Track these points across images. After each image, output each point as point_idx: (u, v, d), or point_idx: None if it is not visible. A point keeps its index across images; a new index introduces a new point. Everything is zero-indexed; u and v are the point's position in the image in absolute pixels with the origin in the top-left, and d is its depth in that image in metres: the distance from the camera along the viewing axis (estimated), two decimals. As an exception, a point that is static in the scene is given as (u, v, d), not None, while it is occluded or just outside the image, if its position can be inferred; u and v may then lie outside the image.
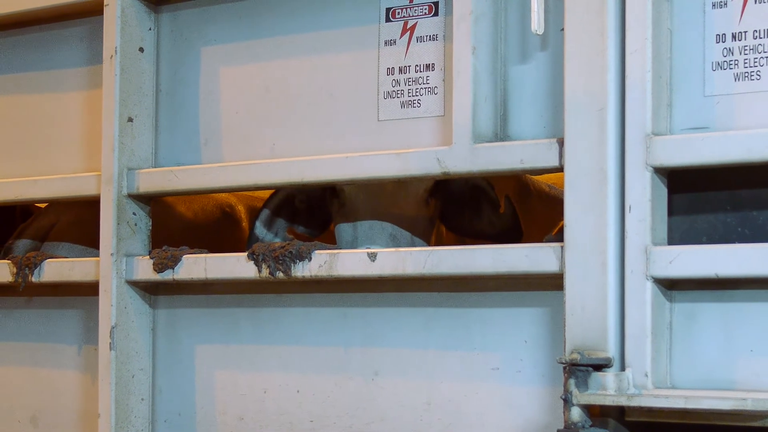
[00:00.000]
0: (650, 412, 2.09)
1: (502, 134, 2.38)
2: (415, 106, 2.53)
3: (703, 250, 2.07)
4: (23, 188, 3.06)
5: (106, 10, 2.85)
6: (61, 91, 3.10)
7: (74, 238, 3.36)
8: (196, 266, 2.73)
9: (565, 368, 2.10)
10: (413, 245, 2.73)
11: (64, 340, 3.09)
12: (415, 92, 2.53)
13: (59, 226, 3.41)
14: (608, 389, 2.09)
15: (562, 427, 2.10)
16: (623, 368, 2.11)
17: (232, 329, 2.79)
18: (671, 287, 2.14)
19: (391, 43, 2.56)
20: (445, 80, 2.49)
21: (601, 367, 2.11)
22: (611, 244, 2.14)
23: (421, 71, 2.52)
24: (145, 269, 2.80)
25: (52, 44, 3.12)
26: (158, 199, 3.02)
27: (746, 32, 2.11)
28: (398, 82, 2.55)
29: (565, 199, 2.19)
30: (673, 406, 2.02)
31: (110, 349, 2.81)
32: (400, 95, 2.55)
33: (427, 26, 2.52)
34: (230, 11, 2.81)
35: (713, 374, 2.10)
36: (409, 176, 2.45)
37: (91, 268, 2.90)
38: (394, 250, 2.47)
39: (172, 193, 2.84)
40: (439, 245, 2.74)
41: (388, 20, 2.57)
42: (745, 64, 2.10)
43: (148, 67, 2.89)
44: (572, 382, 2.09)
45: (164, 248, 2.80)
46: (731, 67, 2.12)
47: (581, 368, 2.10)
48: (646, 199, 2.11)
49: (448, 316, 2.48)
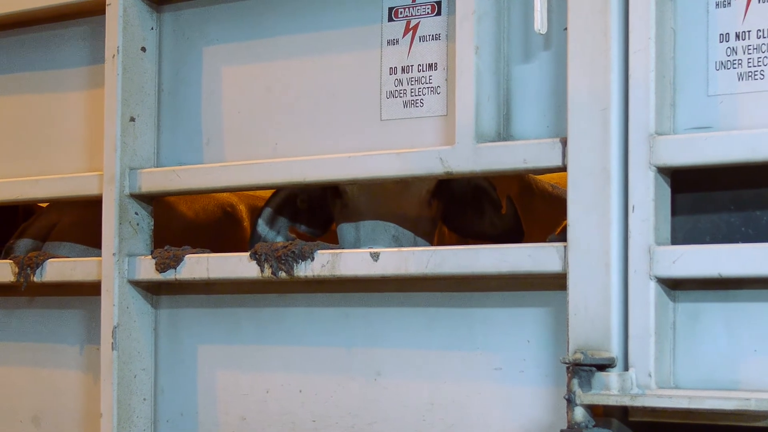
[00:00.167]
0: (653, 412, 2.09)
1: (505, 134, 2.38)
2: (417, 105, 2.52)
3: (706, 249, 2.07)
4: (25, 188, 3.06)
5: (108, 9, 2.85)
6: (62, 90, 3.09)
7: (75, 237, 3.36)
8: (198, 266, 2.72)
9: (568, 368, 2.10)
10: (416, 246, 2.72)
11: (65, 340, 3.09)
12: (417, 92, 2.52)
13: (60, 225, 3.41)
14: (611, 389, 2.08)
15: (565, 427, 2.10)
16: (626, 368, 2.11)
17: (234, 329, 2.78)
18: (674, 287, 2.14)
19: (393, 42, 2.56)
20: (447, 80, 2.49)
21: (604, 367, 2.11)
22: (614, 243, 2.13)
23: (423, 71, 2.52)
24: (147, 269, 2.80)
25: (53, 44, 3.11)
26: (160, 198, 3.02)
27: (750, 32, 2.11)
28: (401, 81, 2.54)
29: (568, 198, 2.18)
30: (676, 406, 2.02)
31: (112, 349, 2.81)
32: (402, 95, 2.54)
33: (429, 26, 2.52)
34: (232, 11, 2.80)
35: (717, 374, 2.10)
36: (411, 176, 2.45)
37: (93, 267, 2.89)
38: (396, 249, 2.47)
39: (174, 192, 2.84)
40: (441, 246, 2.73)
41: (390, 20, 2.56)
42: (748, 63, 2.10)
43: (150, 66, 2.88)
44: (575, 382, 2.08)
45: (166, 248, 2.80)
46: (735, 66, 2.11)
47: (584, 368, 2.09)
48: (649, 198, 2.11)
49: (450, 316, 2.47)
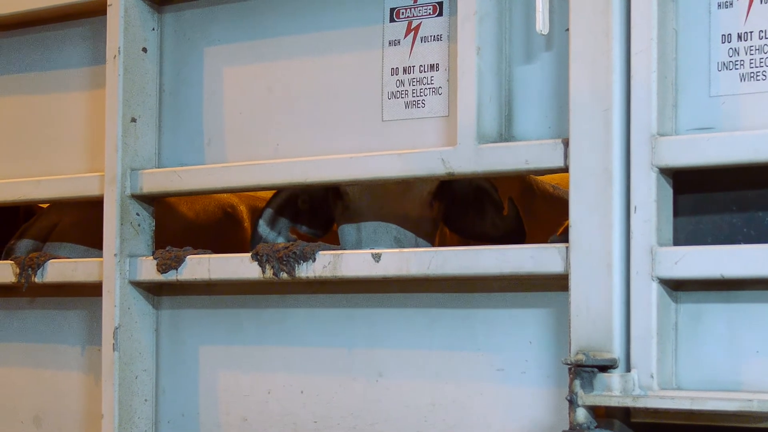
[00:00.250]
0: (656, 413, 2.09)
1: (506, 135, 2.38)
2: (419, 106, 2.52)
3: (708, 250, 2.07)
4: (27, 189, 3.06)
5: (109, 10, 2.85)
6: (64, 91, 3.09)
7: (76, 238, 3.36)
8: (199, 267, 2.72)
9: (570, 369, 2.10)
10: (417, 247, 2.72)
11: (67, 340, 3.09)
12: (419, 92, 2.52)
13: (61, 226, 3.41)
14: (613, 390, 2.08)
15: (567, 428, 2.10)
16: (629, 369, 2.11)
17: (235, 330, 2.78)
18: (677, 288, 2.13)
19: (395, 43, 2.56)
20: (449, 80, 2.48)
21: (606, 368, 2.10)
22: (617, 244, 2.13)
23: (425, 71, 2.52)
24: (148, 270, 2.80)
25: (55, 44, 3.11)
26: (161, 199, 3.02)
27: (752, 32, 2.11)
28: (402, 82, 2.54)
29: (570, 199, 2.18)
30: (678, 407, 2.02)
31: (113, 349, 2.81)
32: (404, 95, 2.54)
33: (431, 26, 2.51)
34: (234, 11, 2.80)
35: (719, 375, 2.10)
36: (413, 177, 2.45)
37: (94, 268, 2.89)
38: (398, 250, 2.47)
39: (175, 193, 2.84)
40: (442, 246, 2.73)
41: (392, 20, 2.56)
42: (750, 64, 2.10)
43: (151, 67, 2.88)
44: (577, 383, 2.08)
45: (168, 249, 2.79)
46: (737, 67, 2.11)
47: (586, 369, 2.09)
48: (651, 199, 2.11)
49: (452, 316, 2.47)
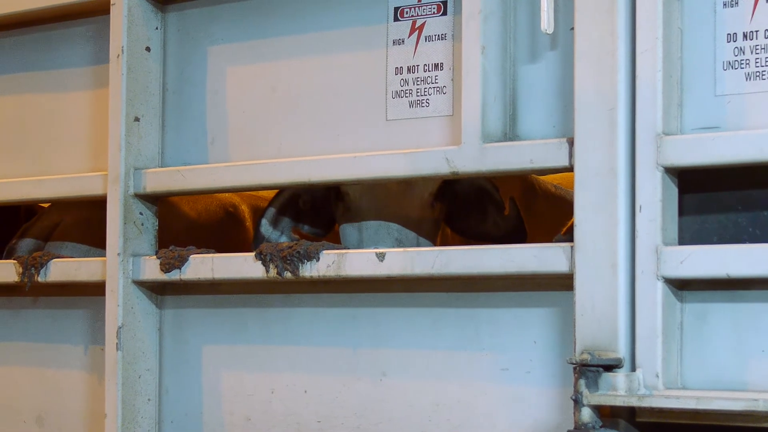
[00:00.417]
0: (661, 412, 2.09)
1: (511, 134, 2.37)
2: (423, 105, 2.52)
3: (713, 250, 2.07)
4: (30, 188, 3.06)
5: (112, 9, 2.85)
6: (67, 90, 3.09)
7: (78, 237, 3.36)
8: (203, 266, 2.72)
9: (575, 369, 2.09)
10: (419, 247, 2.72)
11: (70, 340, 3.09)
12: (423, 92, 2.52)
13: (63, 225, 3.41)
14: (619, 390, 2.08)
15: (572, 427, 2.09)
16: (634, 369, 2.11)
17: (239, 329, 2.78)
18: (682, 287, 2.13)
19: (399, 42, 2.56)
20: (453, 80, 2.48)
21: (611, 367, 2.10)
22: (622, 244, 2.13)
23: (429, 71, 2.51)
24: (151, 269, 2.80)
25: (58, 44, 3.11)
26: (164, 199, 3.02)
27: (757, 31, 2.10)
28: (407, 81, 2.54)
29: (575, 199, 2.18)
30: (683, 406, 2.02)
31: (117, 349, 2.81)
32: (408, 95, 2.54)
33: (435, 25, 2.51)
34: (237, 10, 2.80)
35: (724, 375, 2.09)
36: (417, 176, 2.45)
37: (97, 268, 2.89)
38: (402, 250, 2.46)
39: (179, 192, 2.83)
40: (447, 246, 2.73)
41: (396, 19, 2.56)
42: (756, 63, 2.10)
43: (154, 66, 2.88)
44: (582, 382, 2.08)
45: (171, 248, 2.79)
46: (742, 66, 2.11)
47: (591, 369, 2.09)
48: (656, 199, 2.10)
49: (456, 316, 2.47)
